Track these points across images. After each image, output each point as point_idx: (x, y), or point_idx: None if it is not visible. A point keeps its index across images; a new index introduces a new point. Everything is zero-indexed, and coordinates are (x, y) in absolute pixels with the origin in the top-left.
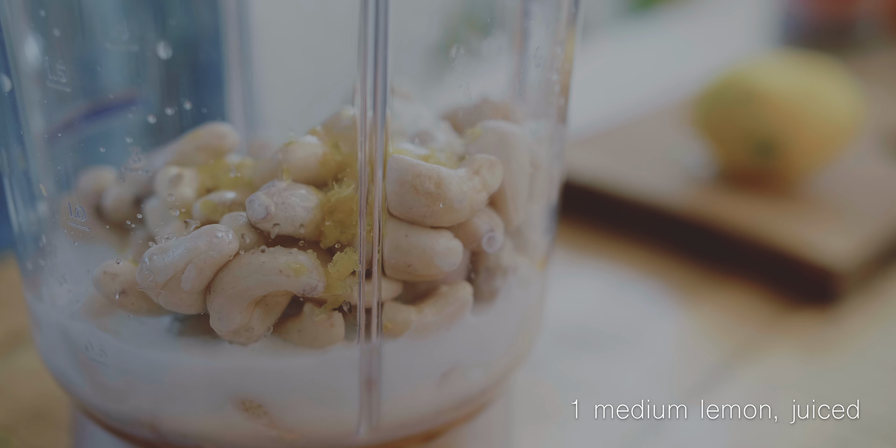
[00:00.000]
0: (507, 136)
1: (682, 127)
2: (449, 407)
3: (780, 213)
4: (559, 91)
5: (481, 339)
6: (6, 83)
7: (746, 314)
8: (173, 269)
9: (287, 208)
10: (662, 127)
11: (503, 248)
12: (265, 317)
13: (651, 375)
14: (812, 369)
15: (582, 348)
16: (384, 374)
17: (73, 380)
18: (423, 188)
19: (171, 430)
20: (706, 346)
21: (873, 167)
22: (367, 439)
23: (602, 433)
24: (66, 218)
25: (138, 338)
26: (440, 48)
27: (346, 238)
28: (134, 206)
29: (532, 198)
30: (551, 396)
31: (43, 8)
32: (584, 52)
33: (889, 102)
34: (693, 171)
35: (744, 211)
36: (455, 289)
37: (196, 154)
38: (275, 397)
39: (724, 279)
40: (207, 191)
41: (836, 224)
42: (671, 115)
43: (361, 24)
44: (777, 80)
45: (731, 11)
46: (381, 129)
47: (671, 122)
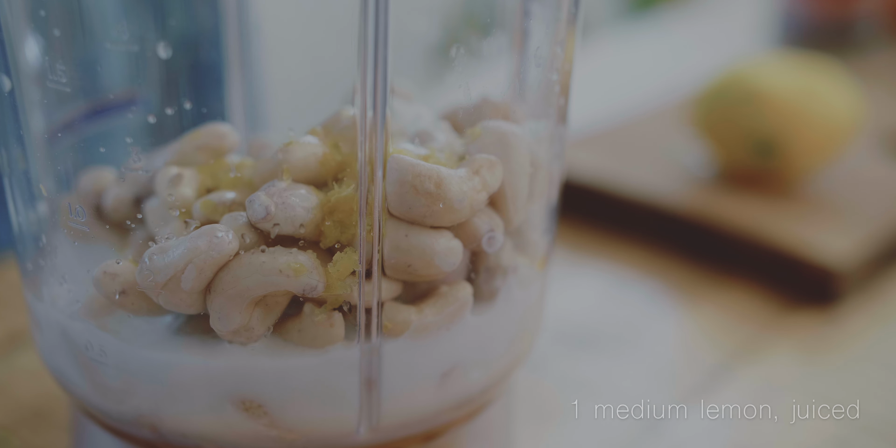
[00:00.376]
0: (507, 136)
1: (682, 127)
2: (449, 407)
3: (780, 213)
4: (559, 91)
5: (481, 338)
6: (6, 83)
7: (746, 314)
8: (173, 269)
9: (287, 208)
10: (662, 127)
11: (503, 248)
12: (265, 317)
13: (651, 375)
14: (812, 369)
15: (582, 348)
16: (384, 374)
17: (73, 380)
18: (423, 188)
19: (171, 430)
20: (706, 346)
21: (873, 167)
22: (367, 439)
23: (602, 433)
24: (66, 218)
25: (138, 338)
26: (440, 48)
27: (346, 238)
28: (134, 206)
29: (532, 198)
30: (551, 396)
31: (43, 8)
32: (584, 52)
33: (889, 102)
34: (693, 171)
35: (744, 211)
36: (455, 289)
37: (196, 154)
38: (275, 397)
39: (724, 279)
40: (207, 191)
41: (836, 224)
42: (671, 115)
43: (361, 24)
44: (777, 79)
45: (730, 11)
46: (381, 129)
47: (671, 122)
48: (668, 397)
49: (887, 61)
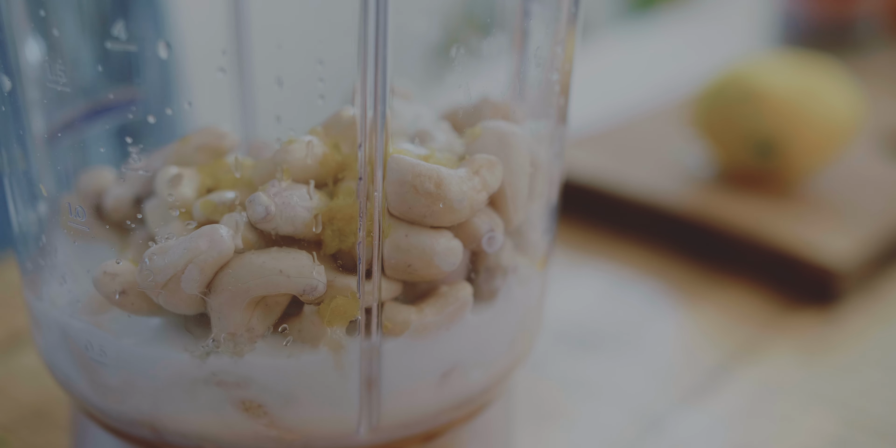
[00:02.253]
0: (507, 136)
1: (682, 127)
2: (449, 407)
3: (780, 213)
4: (559, 91)
5: (481, 338)
6: (6, 83)
7: (746, 314)
8: (173, 269)
9: (287, 208)
10: (662, 127)
11: (503, 248)
12: (265, 317)
13: (651, 375)
14: (812, 369)
15: (582, 348)
16: (384, 373)
17: (73, 380)
18: (423, 188)
19: (171, 430)
20: (706, 346)
21: (873, 167)
22: (367, 439)
23: (602, 433)
24: (66, 218)
25: (138, 337)
26: (440, 48)
27: (346, 246)
28: (134, 206)
29: (532, 198)
30: (551, 396)
31: (43, 8)
32: (584, 52)
33: (889, 102)
34: (693, 172)
35: (744, 211)
36: (455, 289)
37: (196, 154)
38: (274, 397)
39: (724, 279)
40: (207, 191)
41: (836, 224)
42: (671, 115)
43: (361, 24)
44: (776, 79)
45: (730, 12)
46: (381, 129)
47: (671, 122)
48: (668, 397)
49: (887, 61)
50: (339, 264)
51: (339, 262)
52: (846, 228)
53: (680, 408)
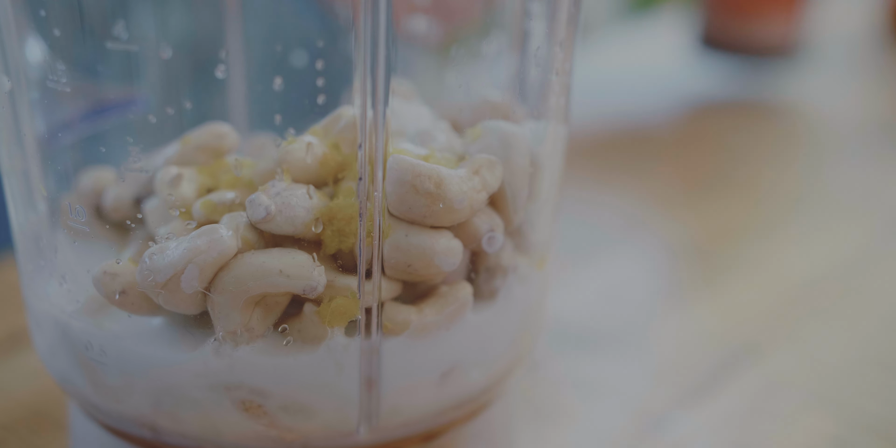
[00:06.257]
0: (507, 136)
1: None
2: (449, 407)
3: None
4: (559, 91)
5: (482, 338)
6: (6, 83)
7: (746, 314)
8: (173, 269)
9: (287, 208)
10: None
11: (503, 248)
12: (265, 317)
13: (651, 375)
14: (812, 369)
15: (582, 348)
16: (384, 373)
17: (73, 380)
18: (423, 188)
19: (171, 430)
20: (706, 346)
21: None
22: (367, 439)
23: (602, 433)
24: (66, 218)
25: (138, 337)
26: (440, 48)
27: (346, 246)
28: (134, 206)
29: (532, 198)
30: (551, 396)
31: (43, 8)
32: (584, 52)
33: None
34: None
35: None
36: (455, 289)
37: (196, 154)
38: (275, 397)
39: (724, 279)
40: (207, 191)
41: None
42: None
43: (361, 23)
44: None
45: None
46: (381, 129)
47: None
48: (668, 397)
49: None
50: (339, 264)
51: (339, 262)
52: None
53: (680, 408)
